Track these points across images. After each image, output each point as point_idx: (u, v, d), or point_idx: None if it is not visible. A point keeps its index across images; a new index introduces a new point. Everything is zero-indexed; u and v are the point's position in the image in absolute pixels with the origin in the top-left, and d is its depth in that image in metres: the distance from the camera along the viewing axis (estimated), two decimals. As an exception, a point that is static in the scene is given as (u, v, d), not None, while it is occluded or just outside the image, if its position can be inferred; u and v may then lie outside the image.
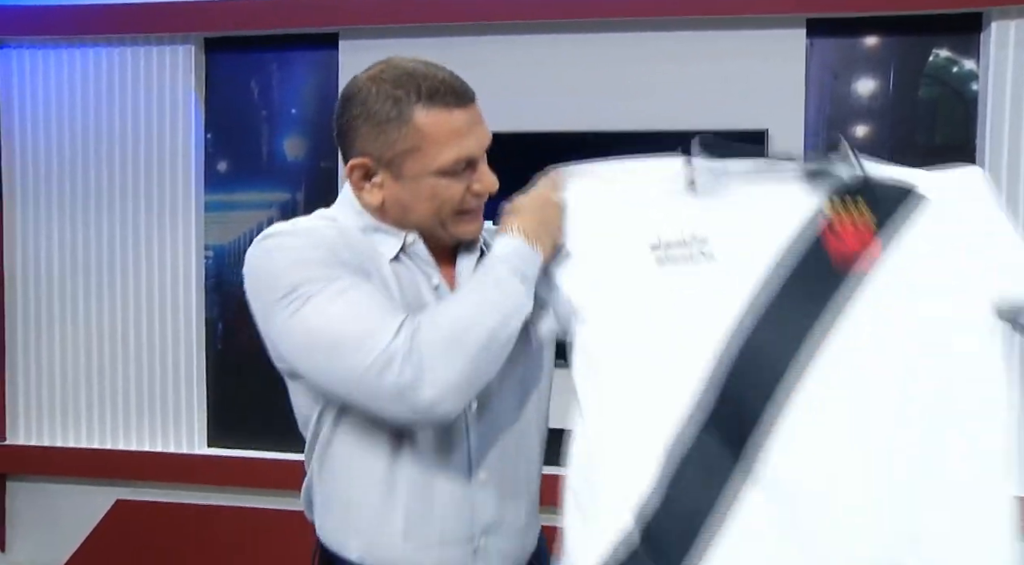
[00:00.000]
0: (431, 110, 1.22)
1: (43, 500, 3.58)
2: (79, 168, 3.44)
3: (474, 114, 1.27)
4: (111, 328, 3.46)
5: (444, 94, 1.24)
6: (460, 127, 1.24)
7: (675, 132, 3.01)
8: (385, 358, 1.12)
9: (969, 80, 2.99)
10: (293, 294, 1.20)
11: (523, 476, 1.37)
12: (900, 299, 1.11)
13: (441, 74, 1.27)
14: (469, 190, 1.27)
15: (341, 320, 1.16)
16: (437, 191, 1.25)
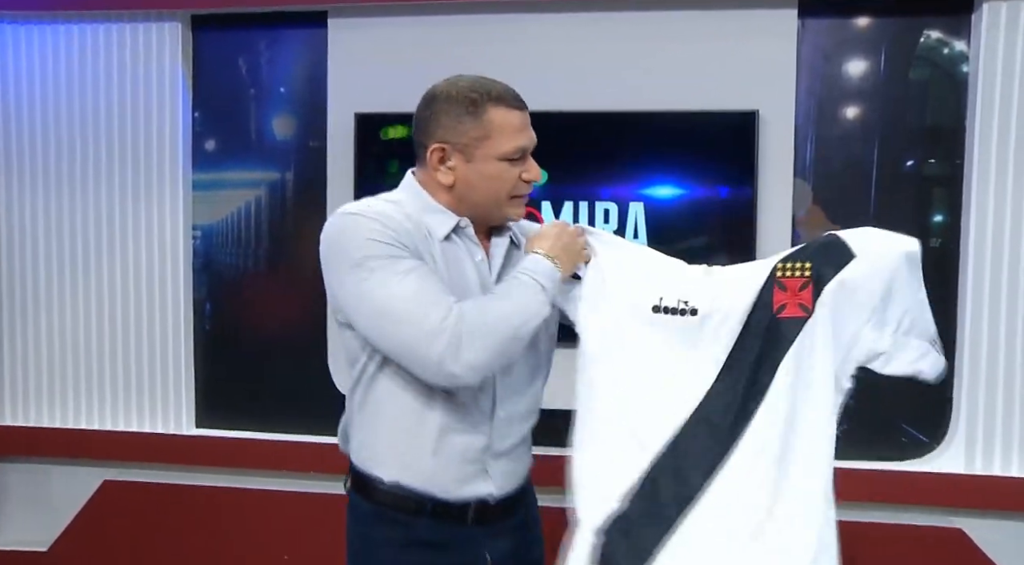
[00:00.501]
0: (499, 109, 1.59)
1: (30, 481, 3.56)
2: (64, 147, 3.41)
3: (527, 117, 1.63)
4: (98, 308, 3.44)
5: (509, 98, 1.61)
6: (519, 124, 1.60)
7: (666, 112, 3.01)
8: (434, 334, 1.45)
9: (960, 61, 2.99)
10: (363, 266, 1.50)
11: (528, 417, 1.75)
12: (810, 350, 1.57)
13: (503, 85, 1.65)
14: (521, 177, 1.62)
15: (402, 297, 1.47)
16: (500, 173, 1.60)
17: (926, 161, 3.07)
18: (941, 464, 3.02)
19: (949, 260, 3.02)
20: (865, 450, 3.08)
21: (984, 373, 2.96)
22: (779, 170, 2.99)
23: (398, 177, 3.08)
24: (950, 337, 3.02)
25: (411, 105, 3.11)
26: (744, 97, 2.99)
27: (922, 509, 3.01)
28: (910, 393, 3.09)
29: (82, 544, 3.48)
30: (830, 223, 3.05)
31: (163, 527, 3.43)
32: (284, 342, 3.42)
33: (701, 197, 3.01)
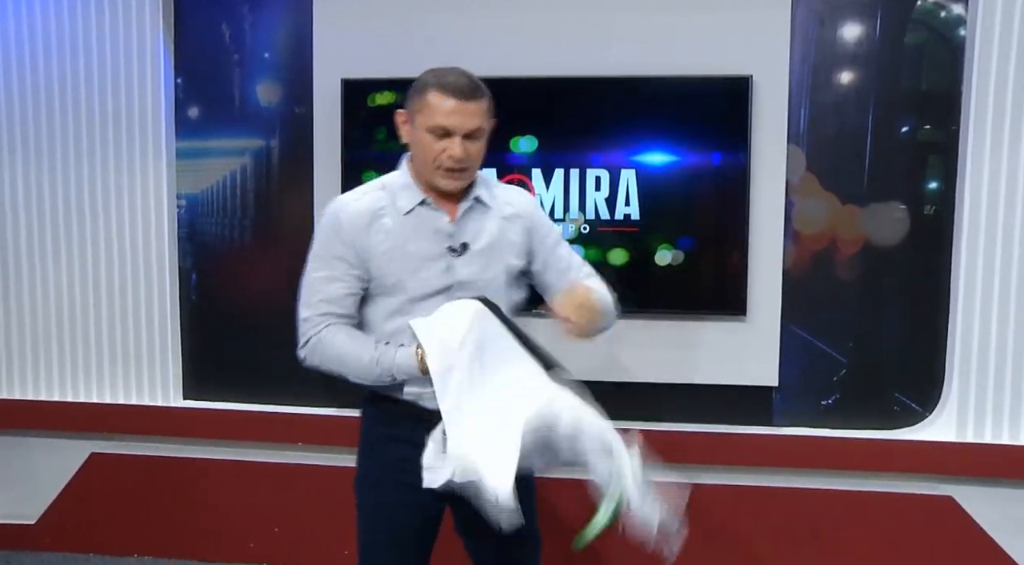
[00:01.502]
0: (438, 93, 1.92)
1: (17, 454, 3.54)
2: (43, 115, 3.34)
3: (466, 106, 1.91)
4: (82, 279, 3.39)
5: (452, 88, 1.91)
6: (449, 109, 1.91)
7: (658, 77, 2.97)
8: (303, 332, 2.06)
9: (957, 25, 2.94)
10: (312, 248, 2.07)
11: None
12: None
13: (461, 79, 1.94)
14: (445, 152, 1.93)
15: (307, 292, 2.06)
16: (427, 143, 1.94)
17: (921, 127, 3.03)
18: (933, 432, 3.02)
19: (943, 227, 2.99)
20: (857, 419, 3.08)
21: (976, 342, 2.95)
22: (773, 136, 2.96)
23: (385, 144, 3.08)
24: (943, 305, 3.01)
25: (398, 70, 3.08)
26: (737, 62, 2.94)
27: (913, 477, 3.02)
28: (902, 362, 3.08)
29: (70, 516, 3.46)
30: (824, 190, 3.02)
31: (151, 499, 3.41)
32: (271, 312, 3.37)
33: (694, 164, 2.97)
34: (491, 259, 2.01)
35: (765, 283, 3.01)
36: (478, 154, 1.97)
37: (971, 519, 2.98)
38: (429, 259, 1.97)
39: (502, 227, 2.04)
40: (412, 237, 1.97)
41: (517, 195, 2.15)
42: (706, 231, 3.01)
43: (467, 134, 1.92)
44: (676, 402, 3.13)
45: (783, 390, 3.11)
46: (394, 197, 2.00)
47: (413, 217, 1.99)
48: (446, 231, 1.99)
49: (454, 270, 1.98)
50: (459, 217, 2.00)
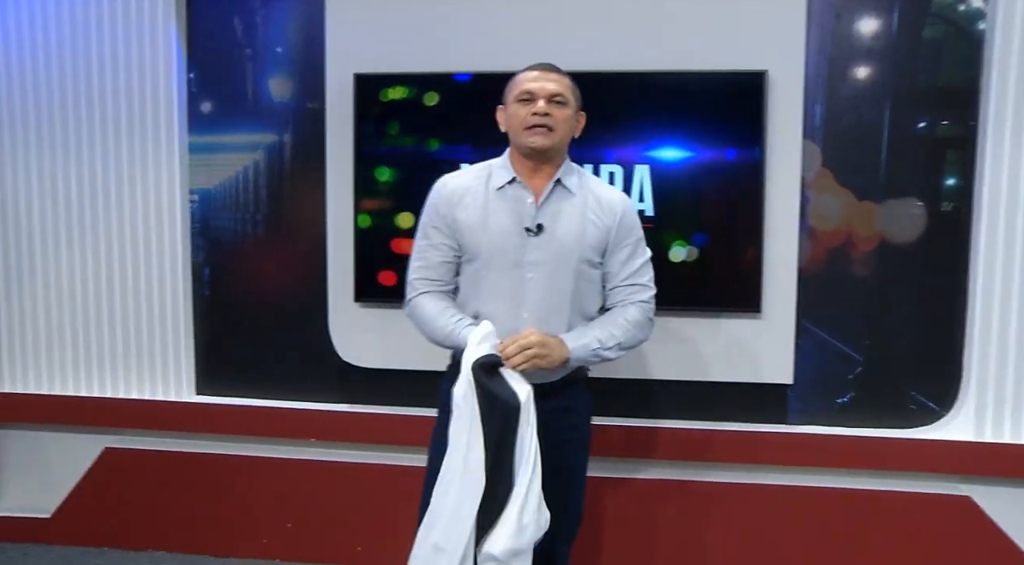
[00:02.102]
0: (523, 72, 2.22)
1: (31, 448, 3.56)
2: (56, 109, 3.35)
3: (546, 74, 2.20)
4: (95, 274, 3.40)
5: (534, 65, 2.23)
6: (531, 77, 2.19)
7: (672, 72, 2.94)
8: (407, 292, 2.30)
9: (976, 19, 2.90)
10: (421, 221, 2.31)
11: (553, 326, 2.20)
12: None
13: (541, 62, 2.25)
14: (530, 112, 2.15)
15: (413, 257, 2.30)
16: (515, 112, 2.19)
17: (939, 122, 2.99)
18: (950, 431, 2.99)
19: (961, 224, 2.96)
20: (873, 417, 3.05)
21: (995, 340, 2.91)
22: (788, 132, 2.92)
23: (398, 139, 3.07)
24: (960, 303, 2.98)
25: (411, 65, 3.08)
26: (753, 57, 2.91)
27: (931, 477, 2.99)
28: (919, 360, 3.05)
29: (84, 511, 3.48)
30: (839, 186, 2.99)
31: (164, 494, 3.42)
32: (284, 308, 3.38)
33: (708, 159, 2.94)
34: (566, 246, 2.17)
35: (780, 280, 2.98)
36: (563, 119, 2.18)
37: (989, 519, 2.95)
38: (508, 234, 2.17)
39: (585, 219, 2.20)
40: (497, 212, 2.19)
41: (611, 193, 2.30)
42: (720, 227, 2.98)
43: (549, 97, 2.16)
44: (690, 399, 3.11)
45: (798, 388, 3.08)
46: (490, 176, 2.23)
47: (502, 194, 2.20)
48: (528, 211, 2.18)
49: (527, 248, 2.17)
50: (543, 198, 2.19)
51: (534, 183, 2.21)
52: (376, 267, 3.12)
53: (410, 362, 3.09)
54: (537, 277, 2.17)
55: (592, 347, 2.17)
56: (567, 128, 2.20)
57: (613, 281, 2.25)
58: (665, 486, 3.12)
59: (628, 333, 2.22)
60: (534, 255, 2.16)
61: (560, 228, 2.18)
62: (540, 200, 2.19)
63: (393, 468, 3.24)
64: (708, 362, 3.05)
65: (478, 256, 2.18)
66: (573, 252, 2.17)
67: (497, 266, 2.17)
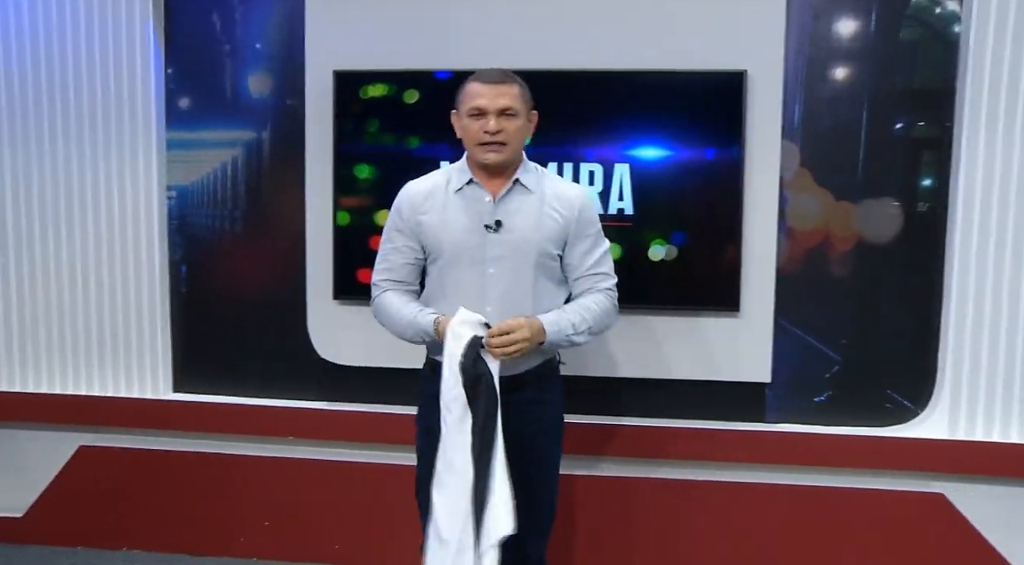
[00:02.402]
0: (473, 83, 2.25)
1: (4, 446, 3.51)
2: (31, 105, 3.31)
3: (495, 88, 2.22)
4: (71, 271, 3.37)
5: (484, 76, 2.25)
6: (481, 92, 2.22)
7: (652, 71, 2.95)
8: (372, 293, 2.41)
9: (951, 22, 2.93)
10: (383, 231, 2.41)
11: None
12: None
13: (488, 70, 2.28)
14: (481, 129, 2.21)
15: (378, 260, 2.40)
16: (468, 126, 2.25)
17: (916, 123, 3.03)
18: (925, 430, 3.02)
19: (937, 224, 2.99)
20: (850, 416, 3.08)
21: (969, 339, 2.94)
22: (767, 131, 2.94)
23: (378, 137, 3.06)
24: (936, 302, 3.01)
25: (392, 62, 3.07)
26: (732, 57, 2.93)
27: (905, 474, 3.02)
28: (895, 359, 3.08)
29: (58, 510, 3.44)
30: (818, 186, 3.01)
31: (140, 492, 3.40)
32: (262, 305, 3.36)
33: (688, 159, 2.95)
34: (524, 241, 2.24)
35: (758, 279, 2.99)
36: (515, 131, 2.23)
37: (962, 516, 2.98)
38: (468, 232, 2.25)
39: (543, 213, 2.27)
40: (457, 212, 2.27)
41: (568, 188, 2.38)
42: (700, 226, 2.99)
43: (499, 112, 2.21)
44: (668, 398, 3.12)
45: (776, 386, 3.10)
46: (450, 178, 2.31)
47: (461, 195, 2.28)
48: (486, 209, 2.25)
49: (487, 245, 2.24)
50: (499, 196, 2.26)
51: (492, 184, 2.28)
52: (355, 264, 3.11)
53: (389, 359, 3.08)
54: (498, 272, 2.24)
55: (566, 332, 2.23)
56: (520, 137, 2.27)
57: (576, 272, 2.32)
58: (642, 484, 3.13)
59: (598, 319, 2.29)
60: (494, 251, 2.24)
61: (518, 224, 2.25)
62: (497, 198, 2.26)
63: (372, 466, 3.24)
64: (686, 360, 3.07)
65: (441, 255, 2.27)
66: (532, 246, 2.25)
67: (459, 263, 2.26)
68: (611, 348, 3.06)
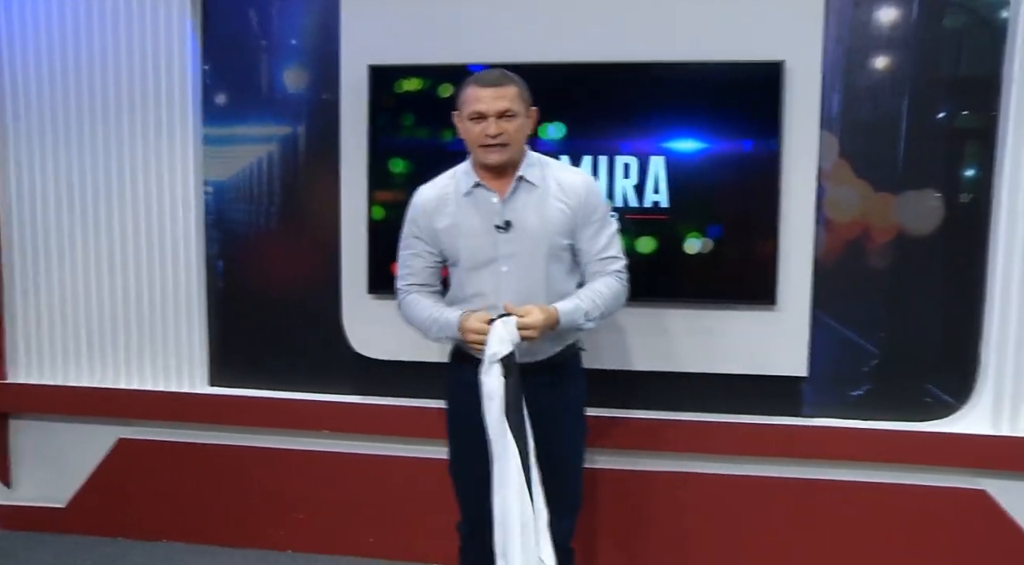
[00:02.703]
0: (472, 87, 2.29)
1: (46, 438, 3.58)
2: (72, 100, 3.35)
3: (494, 91, 2.26)
4: (110, 266, 3.41)
5: (483, 80, 2.29)
6: (481, 96, 2.27)
7: (688, 63, 2.92)
8: (399, 294, 2.48)
9: (999, 7, 2.86)
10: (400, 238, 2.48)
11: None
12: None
13: (486, 72, 2.33)
14: (482, 132, 2.27)
15: (399, 267, 2.47)
16: (469, 130, 2.31)
17: (959, 113, 2.96)
18: (966, 425, 2.97)
19: (980, 216, 2.93)
20: (889, 410, 3.03)
21: (1013, 333, 2.89)
22: (805, 122, 2.90)
23: (413, 131, 3.07)
24: (979, 295, 2.95)
25: (426, 57, 3.07)
26: (769, 47, 2.89)
27: (946, 470, 2.97)
28: (935, 353, 3.03)
29: (99, 501, 3.50)
30: (856, 177, 2.97)
31: (178, 485, 3.44)
32: (298, 300, 3.38)
33: (724, 151, 2.92)
34: (534, 236, 2.31)
35: (796, 272, 2.96)
36: (514, 131, 2.28)
37: (1005, 513, 2.93)
38: (479, 234, 2.32)
39: (550, 205, 2.33)
40: (467, 215, 2.34)
41: (572, 176, 2.41)
42: (736, 219, 2.96)
43: (499, 114, 2.25)
44: (704, 392, 3.10)
45: (813, 381, 3.06)
46: (457, 182, 2.37)
47: (470, 198, 2.35)
48: (495, 209, 2.31)
49: (499, 245, 2.31)
50: (507, 196, 2.32)
51: (498, 184, 2.34)
52: (390, 259, 3.08)
53: (423, 354, 3.08)
54: (511, 269, 2.32)
55: (577, 319, 2.29)
56: (521, 136, 2.32)
57: (586, 256, 2.38)
58: (679, 478, 3.11)
59: (608, 302, 2.34)
60: (506, 249, 2.31)
61: (527, 220, 2.31)
62: (505, 197, 2.32)
63: (406, 460, 3.25)
64: (722, 354, 3.04)
65: (458, 259, 2.36)
66: (542, 240, 2.32)
67: (475, 265, 2.34)
68: (646, 342, 3.04)
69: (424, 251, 2.41)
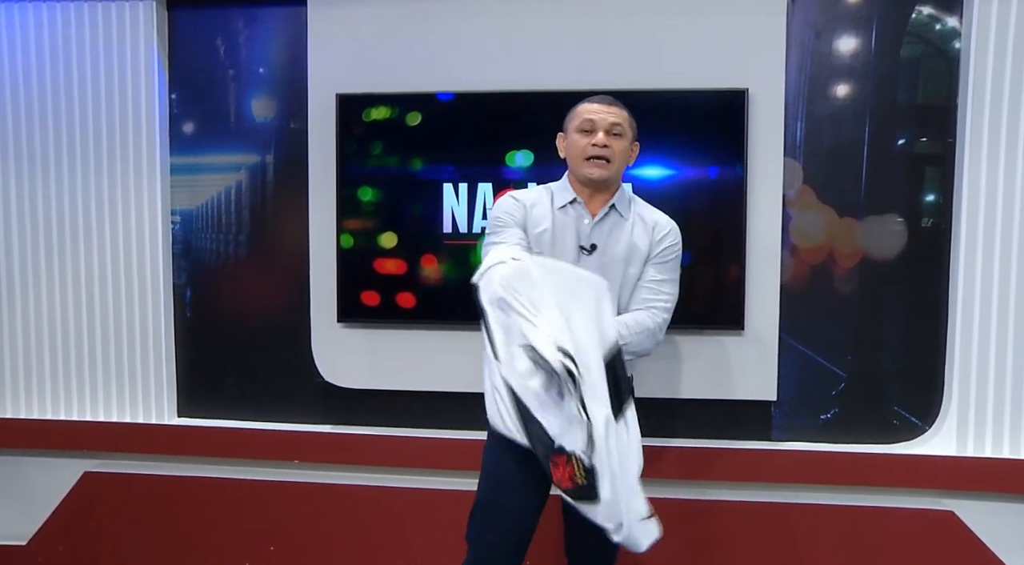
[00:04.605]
0: (583, 104, 2.38)
1: (9, 472, 3.50)
2: (36, 130, 3.33)
3: (606, 108, 2.35)
4: (75, 296, 3.37)
5: (594, 98, 2.38)
6: (592, 109, 2.36)
7: (654, 91, 2.96)
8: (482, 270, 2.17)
9: (952, 38, 2.94)
10: (489, 228, 2.42)
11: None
12: None
13: (602, 95, 2.40)
14: (590, 143, 2.33)
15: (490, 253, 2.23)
16: (575, 142, 2.36)
17: (917, 139, 3.03)
18: (933, 447, 3.00)
19: (941, 240, 2.99)
20: (857, 433, 3.06)
21: (976, 355, 2.93)
22: (769, 149, 2.95)
23: (381, 159, 3.07)
24: (941, 318, 3.00)
25: (393, 85, 3.08)
26: (734, 75, 2.94)
27: (914, 492, 3.00)
28: (901, 375, 3.07)
29: (63, 537, 3.42)
30: (821, 203, 3.01)
31: (146, 518, 3.38)
32: (267, 329, 3.36)
33: (691, 177, 2.96)
34: (612, 265, 2.35)
35: (763, 297, 2.99)
36: (619, 151, 2.35)
37: (973, 534, 2.95)
38: (565, 250, 2.35)
39: (635, 238, 2.37)
40: (559, 228, 2.37)
41: (659, 216, 2.44)
42: (703, 245, 2.99)
43: (608, 130, 2.33)
44: (674, 417, 3.11)
45: (782, 405, 3.09)
46: (553, 195, 2.41)
47: (563, 212, 2.39)
48: (584, 230, 2.36)
49: (580, 265, 2.31)
50: (597, 218, 2.37)
51: (591, 204, 2.39)
52: (359, 287, 3.11)
53: (394, 382, 3.07)
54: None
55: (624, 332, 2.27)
56: (623, 159, 2.38)
57: (640, 282, 2.37)
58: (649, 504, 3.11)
59: (635, 338, 2.30)
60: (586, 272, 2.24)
61: (610, 249, 2.36)
62: (595, 220, 2.37)
63: (377, 489, 3.22)
64: (691, 379, 3.06)
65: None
66: (619, 269, 2.36)
67: None
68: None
69: (520, 236, 2.34)
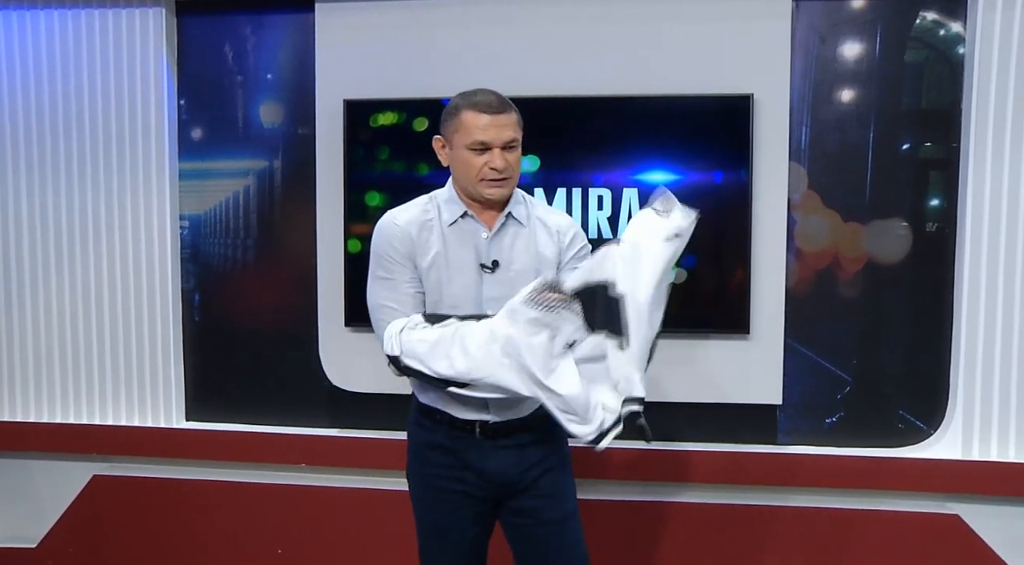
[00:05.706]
0: (471, 112, 2.06)
1: (18, 476, 3.52)
2: (47, 136, 3.35)
3: (499, 119, 2.05)
4: (84, 300, 3.39)
5: (483, 105, 2.06)
6: (484, 124, 2.05)
7: (659, 96, 2.97)
8: (386, 338, 2.10)
9: (956, 43, 2.95)
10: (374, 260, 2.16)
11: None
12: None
13: (485, 95, 2.08)
14: (486, 165, 2.06)
15: (379, 304, 2.14)
16: (467, 160, 2.07)
17: (922, 144, 3.04)
18: (938, 450, 3.01)
19: (946, 244, 2.99)
20: (862, 437, 3.07)
21: (981, 358, 2.94)
22: (774, 154, 2.96)
23: (388, 164, 3.09)
24: (946, 322, 3.01)
25: (401, 91, 3.10)
26: (738, 80, 2.95)
27: (919, 495, 3.00)
28: (906, 379, 3.07)
29: (72, 539, 3.44)
30: (825, 207, 3.02)
31: (154, 522, 3.39)
32: (275, 333, 3.37)
33: (696, 182, 2.97)
34: (520, 279, 2.08)
35: (768, 301, 3.00)
36: (516, 163, 2.11)
37: (978, 538, 2.96)
38: (464, 270, 2.12)
39: (540, 247, 2.16)
40: (453, 246, 2.13)
41: (557, 216, 2.26)
42: (708, 249, 3.00)
43: (504, 145, 2.07)
44: (679, 421, 3.12)
45: (787, 408, 3.09)
46: (439, 210, 2.15)
47: (455, 229, 2.14)
48: (483, 246, 2.13)
49: (484, 286, 2.12)
50: (494, 230, 2.14)
51: (485, 217, 2.15)
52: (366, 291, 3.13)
53: (401, 386, 3.07)
54: (496, 313, 2.04)
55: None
56: (519, 167, 2.14)
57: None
58: (654, 507, 3.12)
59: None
60: (492, 292, 2.10)
61: (515, 262, 2.13)
62: (492, 233, 2.14)
63: (384, 493, 3.23)
64: (697, 383, 3.07)
65: (440, 300, 2.11)
66: (529, 282, 2.02)
67: (458, 306, 2.09)
68: (622, 372, 3.05)
69: (409, 278, 2.11)
